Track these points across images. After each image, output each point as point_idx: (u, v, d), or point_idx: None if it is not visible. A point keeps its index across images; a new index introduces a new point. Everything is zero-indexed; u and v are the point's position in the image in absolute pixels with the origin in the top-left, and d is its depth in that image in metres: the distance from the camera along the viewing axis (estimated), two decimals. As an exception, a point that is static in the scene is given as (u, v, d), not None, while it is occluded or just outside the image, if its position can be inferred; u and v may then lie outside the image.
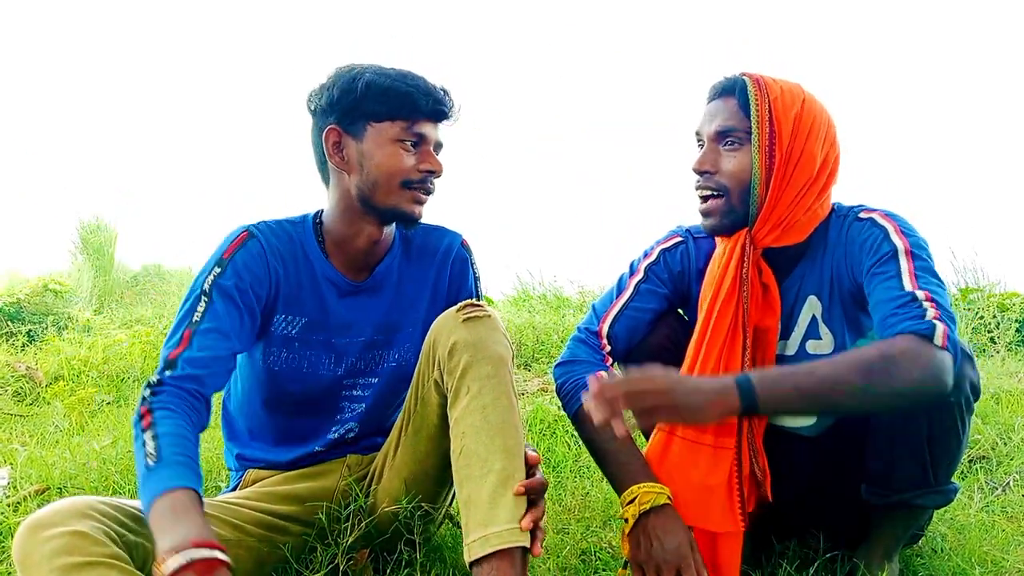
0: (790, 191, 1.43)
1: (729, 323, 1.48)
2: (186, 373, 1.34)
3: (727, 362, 1.47)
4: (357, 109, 1.46)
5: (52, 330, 4.46)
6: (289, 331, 1.53)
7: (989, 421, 2.53)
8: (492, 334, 1.38)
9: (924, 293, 1.31)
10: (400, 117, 1.46)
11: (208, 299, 1.40)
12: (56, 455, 2.24)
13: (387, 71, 1.47)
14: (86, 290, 6.07)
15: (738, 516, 1.45)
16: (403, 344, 1.63)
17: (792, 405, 1.25)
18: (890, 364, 1.22)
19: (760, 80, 1.44)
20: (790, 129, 1.41)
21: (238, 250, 1.46)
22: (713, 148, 1.48)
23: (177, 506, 1.16)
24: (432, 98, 1.47)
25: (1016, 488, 2.07)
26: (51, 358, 3.65)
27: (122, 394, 3.24)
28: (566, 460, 2.25)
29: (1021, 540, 1.74)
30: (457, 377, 1.36)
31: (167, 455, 1.22)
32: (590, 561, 1.67)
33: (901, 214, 1.48)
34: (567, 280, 5.15)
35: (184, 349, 1.36)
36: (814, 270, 1.53)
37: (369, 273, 1.59)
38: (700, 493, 1.45)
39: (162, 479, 1.19)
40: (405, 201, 1.49)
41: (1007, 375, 3.22)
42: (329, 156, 1.50)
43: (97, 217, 6.99)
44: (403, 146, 1.47)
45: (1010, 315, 4.00)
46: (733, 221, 1.48)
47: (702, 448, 1.46)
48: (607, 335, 1.60)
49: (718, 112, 1.48)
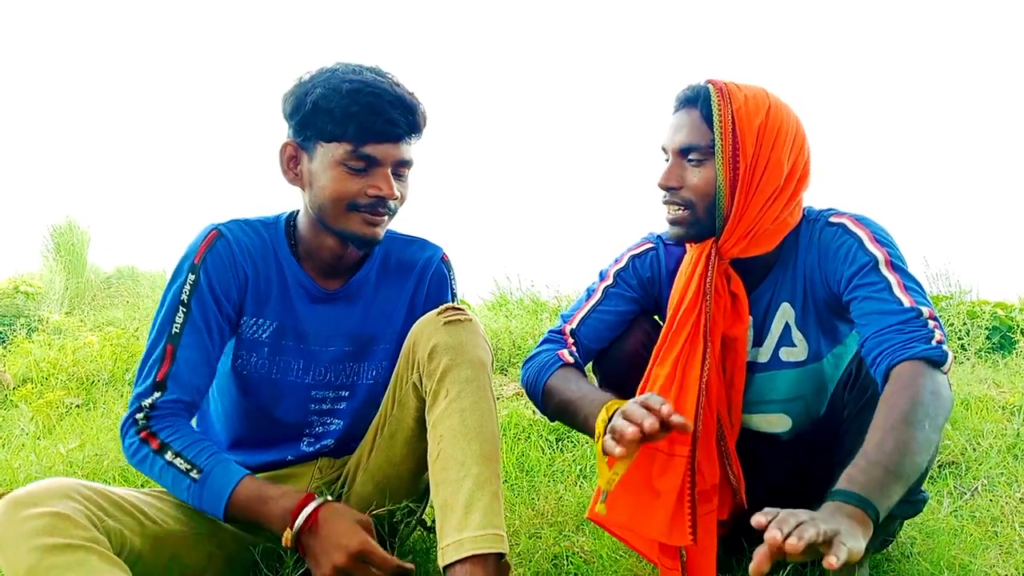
0: (756, 201, 1.42)
1: (689, 332, 1.46)
2: (175, 396, 1.37)
3: (684, 370, 1.46)
4: (307, 126, 1.39)
5: (22, 332, 4.39)
6: (259, 335, 1.50)
7: (959, 427, 2.56)
8: (473, 338, 1.37)
9: (928, 311, 1.31)
10: (345, 139, 1.37)
11: (187, 309, 1.40)
12: (21, 459, 2.20)
13: (340, 85, 1.36)
14: (57, 292, 5.99)
15: (687, 529, 1.39)
16: (380, 360, 1.60)
17: (896, 490, 1.15)
18: (929, 408, 1.20)
19: (724, 88, 1.42)
20: (754, 139, 1.40)
21: (207, 253, 1.43)
22: (678, 163, 1.46)
23: (256, 488, 1.32)
24: (382, 118, 1.36)
25: (984, 493, 2.09)
26: (19, 360, 3.59)
27: (91, 397, 3.19)
28: (540, 464, 2.25)
29: (988, 544, 1.76)
30: (436, 380, 1.35)
31: (206, 463, 1.33)
32: (562, 566, 1.66)
33: (870, 217, 1.48)
34: (544, 285, 5.15)
35: (170, 367, 1.37)
36: (786, 277, 1.52)
37: (343, 282, 1.56)
38: (646, 496, 1.42)
39: (221, 481, 1.31)
40: (355, 224, 1.42)
41: (977, 381, 3.26)
42: (284, 170, 1.46)
43: (69, 219, 6.90)
44: (347, 170, 1.38)
45: (980, 322, 4.05)
46: (699, 231, 1.47)
47: (656, 454, 1.43)
48: (571, 332, 1.59)
49: (682, 126, 1.46)
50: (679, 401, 1.44)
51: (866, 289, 1.38)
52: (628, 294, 1.61)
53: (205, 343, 1.41)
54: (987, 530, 1.86)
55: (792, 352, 1.55)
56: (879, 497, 1.12)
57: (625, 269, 1.63)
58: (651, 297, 1.64)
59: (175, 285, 1.42)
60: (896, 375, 1.26)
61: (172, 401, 1.37)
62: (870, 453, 1.17)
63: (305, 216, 1.50)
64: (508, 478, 2.15)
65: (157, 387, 1.36)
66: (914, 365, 1.25)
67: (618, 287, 1.62)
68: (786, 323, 1.54)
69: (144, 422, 1.35)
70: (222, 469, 1.32)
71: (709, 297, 1.46)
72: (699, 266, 1.48)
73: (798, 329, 1.53)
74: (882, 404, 1.23)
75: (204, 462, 1.32)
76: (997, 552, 1.73)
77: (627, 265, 1.63)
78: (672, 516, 1.39)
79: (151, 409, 1.35)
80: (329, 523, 1.28)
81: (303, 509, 1.29)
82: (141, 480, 1.98)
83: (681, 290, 1.51)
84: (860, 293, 1.39)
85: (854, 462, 1.18)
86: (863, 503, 1.10)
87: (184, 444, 1.33)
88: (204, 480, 1.31)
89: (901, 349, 1.28)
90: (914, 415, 1.19)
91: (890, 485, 1.14)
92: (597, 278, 1.66)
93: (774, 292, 1.53)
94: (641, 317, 1.64)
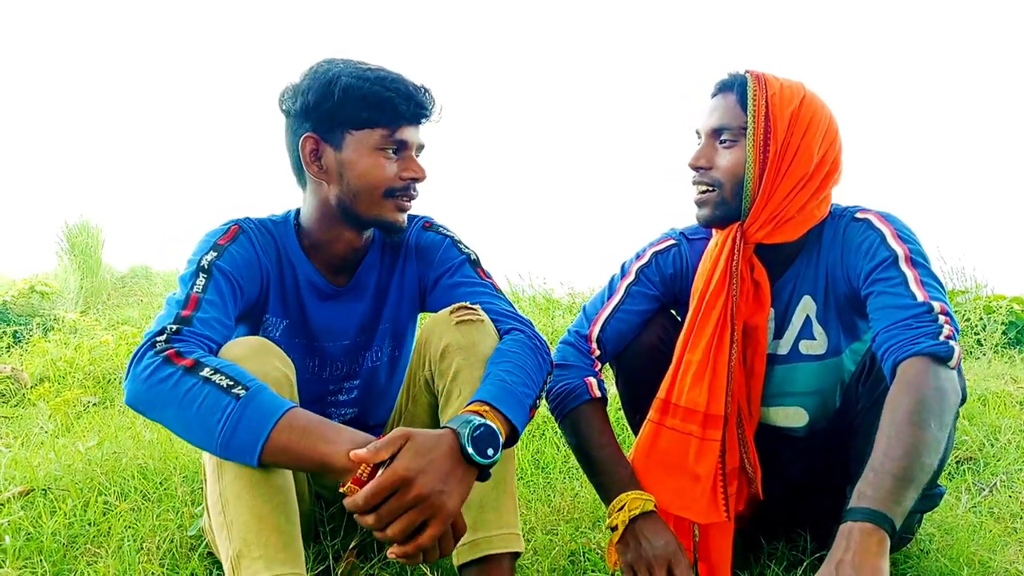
0: (783, 186, 1.42)
1: (718, 317, 1.48)
2: (202, 332, 1.23)
3: (715, 356, 1.47)
4: (335, 116, 1.39)
5: (38, 331, 4.42)
6: (272, 334, 1.50)
7: (976, 423, 2.54)
8: (485, 338, 1.37)
9: (940, 305, 1.31)
10: (381, 124, 1.39)
11: (208, 275, 1.33)
12: (40, 456, 2.22)
13: (364, 73, 1.39)
14: (72, 291, 6.02)
15: (721, 508, 1.46)
16: (381, 341, 1.60)
17: (908, 495, 1.16)
18: (935, 405, 1.21)
19: (761, 77, 1.44)
20: (786, 124, 1.41)
21: (232, 242, 1.42)
22: (709, 144, 1.48)
23: (316, 419, 1.12)
24: (413, 101, 1.41)
25: (1003, 489, 2.08)
26: (36, 359, 3.62)
27: (108, 395, 3.22)
28: (555, 462, 2.25)
29: (1008, 540, 1.75)
30: (449, 380, 1.35)
31: (252, 383, 1.13)
32: (579, 562, 1.66)
33: (896, 215, 1.48)
34: (557, 282, 5.13)
35: (194, 311, 1.26)
36: (809, 270, 1.52)
37: (349, 276, 1.56)
38: (687, 482, 1.47)
39: (270, 404, 1.11)
40: (388, 210, 1.44)
41: (994, 377, 3.23)
42: (306, 165, 1.44)
43: (83, 218, 6.93)
44: (384, 154, 1.41)
45: (997, 317, 4.03)
46: (725, 213, 1.48)
47: (690, 439, 1.47)
48: (597, 338, 1.59)
49: (716, 108, 1.48)
50: (712, 385, 1.47)
51: (882, 284, 1.38)
52: (650, 292, 1.61)
53: (226, 306, 1.33)
54: (1007, 526, 1.85)
55: (811, 345, 1.55)
56: (892, 508, 1.14)
57: (648, 265, 1.63)
58: (672, 293, 1.64)
59: (197, 256, 1.36)
60: (901, 373, 1.27)
61: (197, 334, 1.22)
62: (877, 463, 1.19)
63: (320, 210, 1.48)
64: (524, 475, 2.15)
65: (182, 321, 1.22)
66: (919, 361, 1.25)
67: (640, 284, 1.61)
68: (807, 316, 1.54)
69: (165, 344, 1.16)
70: (271, 394, 1.13)
71: (735, 280, 1.47)
72: (724, 251, 1.48)
73: (818, 323, 1.53)
74: (887, 406, 1.24)
75: (251, 382, 1.13)
76: (1017, 548, 1.72)
77: (649, 261, 1.63)
78: (710, 497, 1.46)
79: (175, 333, 1.19)
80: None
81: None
82: (161, 476, 2.00)
83: (707, 275, 1.51)
84: (876, 288, 1.39)
85: (864, 475, 1.19)
86: (877, 518, 1.12)
87: (222, 363, 1.15)
88: (251, 398, 1.10)
89: (907, 345, 1.28)
90: (919, 416, 1.20)
91: (902, 492, 1.15)
92: (619, 272, 1.66)
93: (796, 285, 1.54)
94: (659, 312, 1.64)
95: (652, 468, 1.48)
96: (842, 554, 1.11)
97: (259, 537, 1.13)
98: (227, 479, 1.16)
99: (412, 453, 1.07)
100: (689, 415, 1.47)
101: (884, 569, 1.10)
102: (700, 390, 1.47)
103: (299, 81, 1.43)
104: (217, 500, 1.17)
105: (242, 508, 1.14)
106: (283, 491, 1.18)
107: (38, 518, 1.74)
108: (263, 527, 1.14)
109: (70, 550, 1.64)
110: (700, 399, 1.46)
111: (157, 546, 1.61)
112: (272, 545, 1.13)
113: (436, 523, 1.07)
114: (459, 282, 1.52)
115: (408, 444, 1.07)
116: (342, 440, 1.09)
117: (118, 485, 1.96)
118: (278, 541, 1.14)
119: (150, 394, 1.14)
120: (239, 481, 1.15)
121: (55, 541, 1.64)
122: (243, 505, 1.14)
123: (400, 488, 1.05)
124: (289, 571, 1.13)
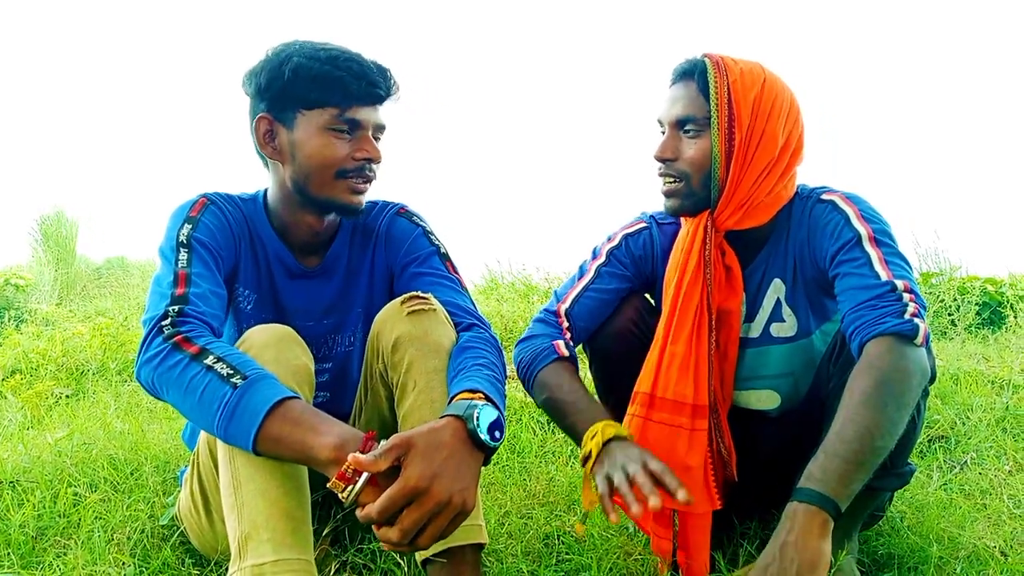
0: (751, 173, 1.42)
1: (696, 305, 1.48)
2: (200, 309, 1.23)
3: (697, 344, 1.47)
4: (286, 96, 1.38)
5: (12, 324, 4.36)
6: (245, 306, 1.50)
7: (948, 402, 2.57)
8: (437, 327, 1.35)
9: (903, 283, 1.32)
10: (331, 104, 1.37)
11: (189, 248, 1.33)
12: (9, 449, 2.19)
13: (316, 53, 1.37)
14: (47, 283, 5.95)
15: (714, 495, 1.48)
16: (354, 326, 1.60)
17: (857, 477, 1.19)
18: (894, 386, 1.22)
19: (720, 62, 1.43)
20: (750, 111, 1.40)
21: (203, 213, 1.41)
22: (674, 135, 1.47)
23: (310, 412, 1.11)
24: (364, 81, 1.38)
25: (973, 466, 2.10)
26: (8, 352, 3.57)
27: (81, 387, 3.18)
28: (531, 446, 2.25)
29: (977, 516, 1.77)
30: (403, 372, 1.33)
31: (251, 372, 1.12)
32: (553, 545, 1.66)
33: (864, 196, 1.48)
34: (535, 268, 5.14)
35: (187, 287, 1.26)
36: (778, 253, 1.53)
37: (319, 259, 1.55)
38: (679, 474, 1.44)
39: (266, 393, 1.10)
40: (341, 192, 1.42)
41: (966, 356, 3.27)
42: (261, 146, 1.44)
43: (57, 209, 6.85)
44: (335, 134, 1.39)
45: (970, 298, 4.08)
46: (694, 203, 1.48)
47: (680, 431, 1.46)
48: (565, 313, 1.59)
49: (678, 98, 1.46)
50: (696, 375, 1.46)
51: (848, 265, 1.39)
52: (621, 272, 1.61)
53: (216, 276, 1.34)
54: (976, 502, 1.87)
55: (782, 328, 1.55)
56: (839, 490, 1.17)
57: (618, 247, 1.63)
58: (644, 275, 1.64)
59: (172, 232, 1.36)
60: (865, 354, 1.28)
61: (198, 312, 1.22)
62: (829, 444, 1.22)
63: (280, 192, 1.48)
64: (500, 460, 2.14)
65: (179, 300, 1.23)
66: (883, 341, 1.26)
67: (611, 265, 1.61)
68: (777, 299, 1.54)
69: (172, 329, 1.17)
70: (269, 383, 1.13)
71: (710, 269, 1.47)
72: (696, 240, 1.48)
73: (787, 305, 1.54)
74: (847, 386, 1.26)
75: (250, 371, 1.13)
76: (986, 524, 1.74)
77: (620, 243, 1.63)
78: (702, 486, 1.47)
79: (178, 316, 1.20)
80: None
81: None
82: (129, 468, 1.98)
83: (680, 265, 1.51)
84: (842, 269, 1.40)
85: (815, 455, 1.22)
86: (822, 500, 1.16)
87: (226, 351, 1.16)
88: (247, 388, 1.10)
89: (872, 325, 1.29)
90: (876, 398, 1.21)
91: (851, 475, 1.19)
92: (590, 256, 1.66)
93: (766, 268, 1.54)
94: (632, 295, 1.63)
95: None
96: (786, 535, 1.15)
97: (268, 521, 1.13)
98: (239, 462, 1.16)
99: (420, 459, 1.06)
100: (678, 408, 1.46)
101: (826, 551, 1.14)
102: (687, 382, 1.46)
103: (256, 62, 1.43)
104: (229, 482, 1.17)
105: (253, 491, 1.15)
106: (294, 477, 1.18)
107: (6, 511, 1.72)
108: (273, 511, 1.14)
109: (39, 542, 1.62)
110: (687, 391, 1.45)
111: (128, 536, 1.60)
112: (281, 530, 1.13)
113: (459, 519, 1.08)
114: (425, 272, 1.52)
115: (413, 452, 1.06)
116: (331, 434, 1.07)
117: (88, 476, 1.93)
118: (287, 526, 1.14)
119: (160, 380, 1.16)
120: (251, 464, 1.15)
121: (22, 533, 1.62)
122: (254, 488, 1.15)
123: (416, 498, 1.04)
124: (296, 556, 1.13)
